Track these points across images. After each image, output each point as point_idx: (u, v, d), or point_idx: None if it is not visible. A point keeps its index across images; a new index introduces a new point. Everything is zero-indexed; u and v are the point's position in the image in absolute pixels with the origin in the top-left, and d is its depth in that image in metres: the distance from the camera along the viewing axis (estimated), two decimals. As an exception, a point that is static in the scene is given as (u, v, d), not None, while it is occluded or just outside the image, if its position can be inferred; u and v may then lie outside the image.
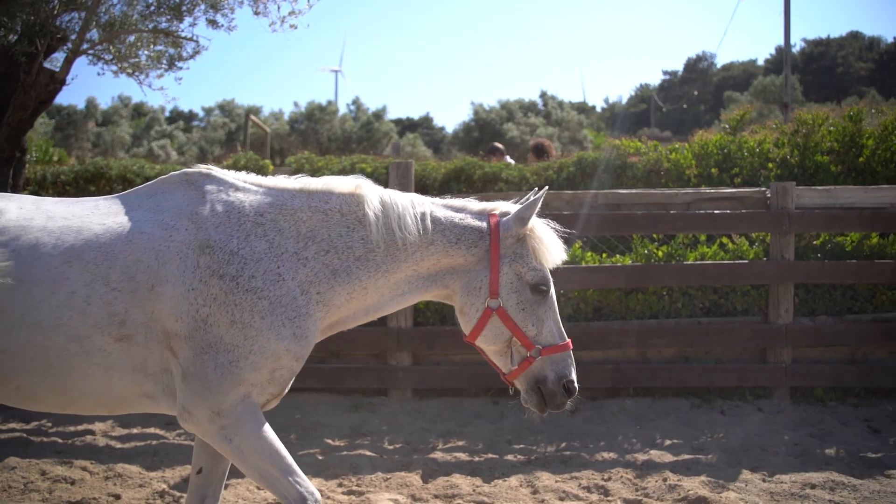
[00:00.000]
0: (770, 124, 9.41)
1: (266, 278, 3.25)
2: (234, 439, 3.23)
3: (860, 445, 6.31)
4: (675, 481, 5.54)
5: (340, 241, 3.39)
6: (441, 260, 3.45)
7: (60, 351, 3.20)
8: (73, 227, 3.31)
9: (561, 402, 3.45)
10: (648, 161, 8.69)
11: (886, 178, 8.44)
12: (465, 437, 6.67)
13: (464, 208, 3.53)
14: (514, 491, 5.50)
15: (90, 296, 3.19)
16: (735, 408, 7.26)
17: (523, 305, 3.40)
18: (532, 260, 3.43)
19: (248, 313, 3.20)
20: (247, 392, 3.24)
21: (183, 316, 3.21)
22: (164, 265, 3.23)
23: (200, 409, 3.22)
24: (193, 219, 3.31)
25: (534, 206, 3.42)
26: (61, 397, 3.31)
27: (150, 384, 3.30)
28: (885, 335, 7.35)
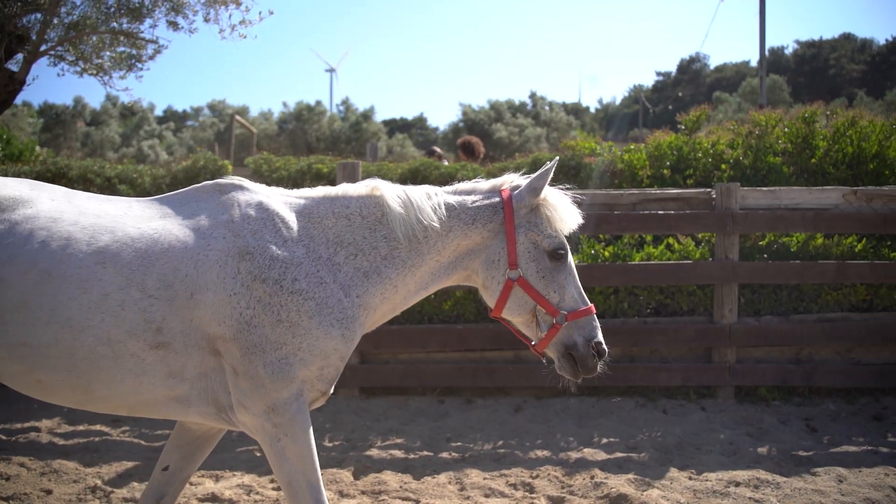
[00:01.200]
0: (727, 125, 9.46)
1: (309, 281, 3.29)
2: (282, 439, 3.28)
3: (794, 444, 6.36)
4: (602, 479, 5.59)
5: (365, 242, 3.44)
6: (460, 244, 3.51)
7: (89, 353, 3.17)
8: (107, 226, 3.29)
9: (593, 365, 3.47)
10: (603, 162, 8.75)
11: (838, 179, 8.51)
12: (406, 434, 6.72)
13: (474, 190, 3.59)
14: (442, 488, 5.55)
15: (125, 300, 3.17)
16: (679, 407, 7.31)
17: (543, 273, 3.45)
18: (547, 227, 3.48)
19: (294, 313, 3.24)
20: (299, 389, 3.29)
21: (226, 319, 3.22)
22: (204, 273, 3.24)
23: (256, 404, 3.25)
24: (230, 227, 3.33)
25: (546, 175, 3.47)
26: (82, 396, 3.30)
27: (184, 388, 3.30)
28: (829, 335, 7.40)
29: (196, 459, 3.75)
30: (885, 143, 8.71)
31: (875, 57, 52.58)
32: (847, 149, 8.65)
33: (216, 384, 3.31)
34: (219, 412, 3.36)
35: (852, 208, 7.55)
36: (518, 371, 7.42)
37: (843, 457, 6.05)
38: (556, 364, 3.53)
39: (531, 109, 36.52)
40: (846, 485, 5.48)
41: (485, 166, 9.36)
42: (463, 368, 7.46)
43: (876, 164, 8.61)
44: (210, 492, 5.42)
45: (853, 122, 8.75)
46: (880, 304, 7.68)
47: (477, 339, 7.46)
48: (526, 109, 36.28)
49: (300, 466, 3.29)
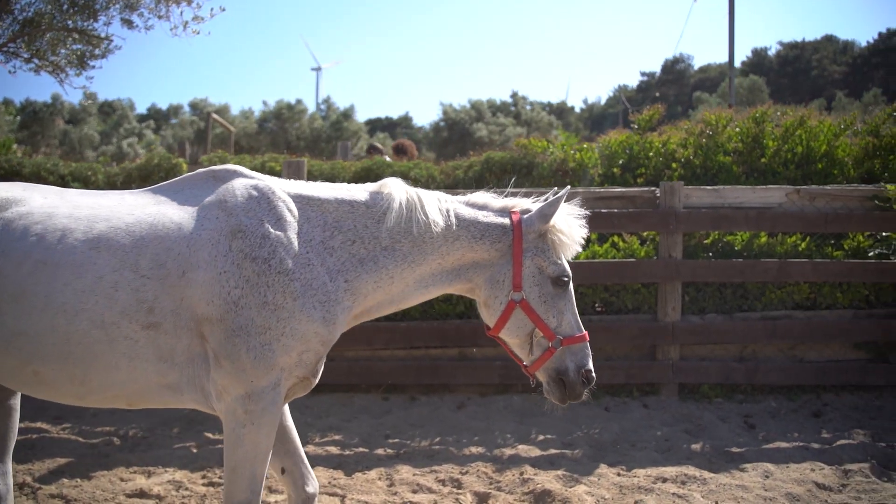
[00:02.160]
0: (682, 125, 9.50)
1: (297, 261, 3.33)
2: (247, 426, 3.30)
3: (729, 441, 6.39)
4: (531, 475, 5.61)
5: (366, 231, 3.48)
6: (465, 255, 3.55)
7: (84, 337, 3.20)
8: (103, 216, 3.35)
9: (580, 392, 3.56)
10: (555, 160, 8.78)
11: (787, 178, 8.57)
12: (345, 431, 6.72)
13: (486, 205, 3.64)
14: (370, 484, 5.56)
15: (118, 282, 3.22)
16: (622, 404, 7.35)
17: (545, 298, 3.52)
18: (553, 254, 3.55)
19: (280, 295, 3.26)
20: (278, 377, 3.31)
21: (215, 299, 3.24)
22: (196, 252, 3.28)
23: (235, 388, 3.27)
24: (223, 207, 3.38)
25: (557, 203, 3.54)
26: (80, 387, 3.32)
27: (175, 374, 3.33)
28: (771, 333, 7.45)
29: (292, 449, 3.80)
30: (833, 143, 8.78)
31: (856, 59, 52.84)
32: (796, 148, 8.72)
33: (201, 371, 3.33)
34: (206, 399, 3.39)
35: (795, 207, 7.60)
36: (463, 368, 7.44)
37: (774, 453, 6.09)
38: (545, 387, 3.61)
39: (513, 109, 36.57)
40: (771, 480, 5.52)
41: (438, 164, 9.38)
42: (408, 366, 7.47)
43: (824, 163, 8.67)
44: (139, 488, 5.41)
45: (802, 122, 8.81)
46: (823, 302, 7.73)
47: (422, 337, 7.47)
48: (507, 109, 36.33)
49: (252, 456, 3.33)
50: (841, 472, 5.68)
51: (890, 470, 5.77)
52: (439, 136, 33.60)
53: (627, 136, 9.00)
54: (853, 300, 7.76)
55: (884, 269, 7.44)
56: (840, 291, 7.72)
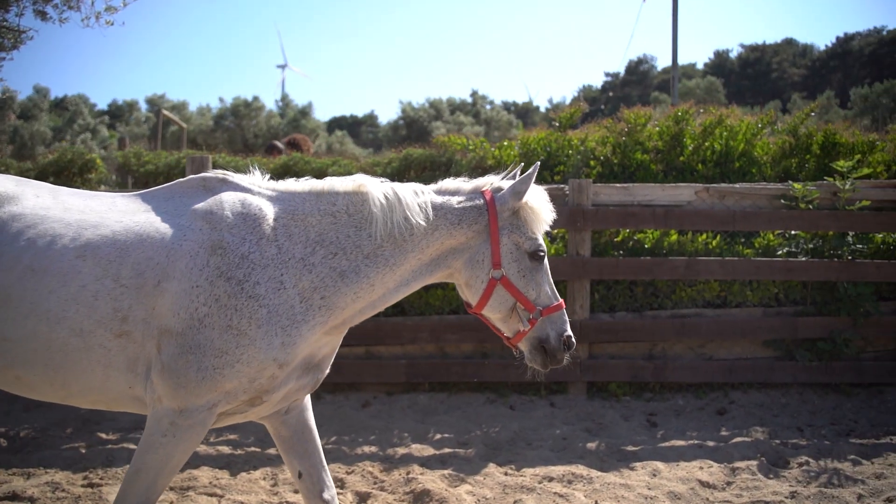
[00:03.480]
0: (604, 123, 9.49)
1: (269, 286, 3.30)
2: (168, 438, 3.26)
3: (627, 439, 6.37)
4: (418, 475, 5.54)
5: (349, 241, 3.45)
6: (444, 243, 3.55)
7: (63, 345, 3.22)
8: (92, 221, 3.36)
9: (561, 357, 3.63)
10: (474, 157, 8.72)
11: (705, 176, 8.58)
12: (242, 430, 6.60)
13: (458, 190, 3.63)
14: (253, 483, 5.46)
15: (98, 291, 3.23)
16: (528, 402, 7.30)
17: (523, 272, 3.56)
18: (528, 229, 3.57)
19: (245, 320, 3.24)
20: (217, 399, 3.28)
21: (181, 312, 3.23)
22: (174, 262, 3.26)
23: (170, 400, 3.25)
24: (209, 219, 3.36)
25: (528, 180, 3.55)
26: (61, 391, 3.34)
27: (139, 387, 3.31)
28: (680, 331, 7.45)
29: (311, 450, 3.78)
30: (752, 142, 8.81)
31: (815, 62, 53.53)
32: (715, 146, 8.73)
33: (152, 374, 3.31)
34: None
35: (705, 205, 7.61)
36: (369, 367, 7.35)
37: (668, 451, 6.07)
38: (527, 356, 3.67)
39: (472, 108, 36.54)
40: (658, 479, 5.50)
41: (358, 161, 9.29)
42: (314, 364, 7.36)
43: (743, 162, 8.70)
44: (12, 490, 5.25)
45: (720, 121, 8.83)
46: (734, 300, 7.74)
47: (329, 335, 7.37)
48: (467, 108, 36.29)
49: (160, 466, 3.28)
50: (729, 470, 5.67)
51: (778, 467, 5.78)
52: (398, 134, 33.47)
53: (547, 133, 8.97)
54: (763, 298, 7.78)
55: (791, 268, 7.46)
56: (750, 290, 7.73)
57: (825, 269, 7.48)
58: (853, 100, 32.02)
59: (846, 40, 52.14)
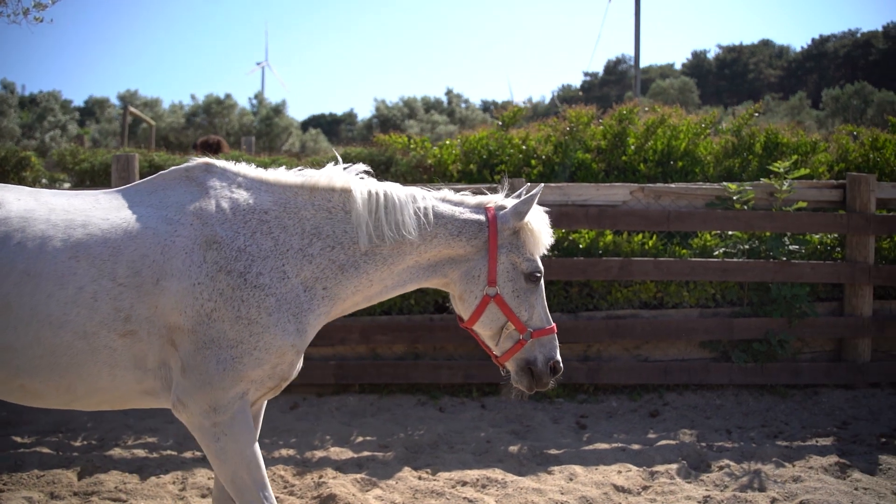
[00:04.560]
0: (550, 121, 9.42)
1: (273, 275, 3.31)
2: (223, 439, 3.28)
3: (552, 442, 6.29)
4: (330, 479, 5.45)
5: (346, 236, 3.46)
6: (442, 251, 3.58)
7: (68, 348, 3.19)
8: (78, 221, 3.31)
9: (547, 381, 3.66)
10: (415, 157, 8.63)
11: (647, 176, 8.53)
12: (163, 433, 6.48)
13: (462, 202, 3.67)
14: (160, 488, 5.34)
15: (97, 291, 3.20)
16: (459, 405, 7.21)
17: (518, 293, 3.59)
18: (526, 251, 3.60)
19: (254, 309, 3.25)
20: (245, 389, 3.29)
21: (187, 310, 3.23)
22: (170, 260, 3.25)
23: (197, 402, 3.25)
24: (198, 214, 3.34)
25: (531, 201, 3.61)
26: (66, 395, 3.31)
27: (150, 380, 3.32)
28: (614, 332, 7.38)
29: None
30: (694, 142, 8.77)
31: (791, 63, 53.82)
32: (657, 146, 8.68)
33: (171, 372, 3.32)
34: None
35: (640, 205, 7.54)
36: (299, 368, 7.23)
37: (589, 454, 6.00)
38: (513, 376, 3.69)
39: (447, 107, 36.44)
40: (573, 483, 5.42)
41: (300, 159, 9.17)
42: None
43: (686, 161, 8.65)
44: None
45: (663, 120, 8.78)
46: (670, 301, 7.68)
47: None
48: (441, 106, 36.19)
49: (243, 464, 3.31)
50: (647, 474, 5.61)
51: (699, 471, 5.72)
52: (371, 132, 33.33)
53: (490, 132, 8.89)
54: (700, 299, 7.72)
55: (726, 268, 7.40)
56: (687, 290, 7.68)
57: (760, 269, 7.43)
58: (825, 101, 32.19)
59: (821, 42, 52.46)
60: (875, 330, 7.56)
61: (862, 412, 7.13)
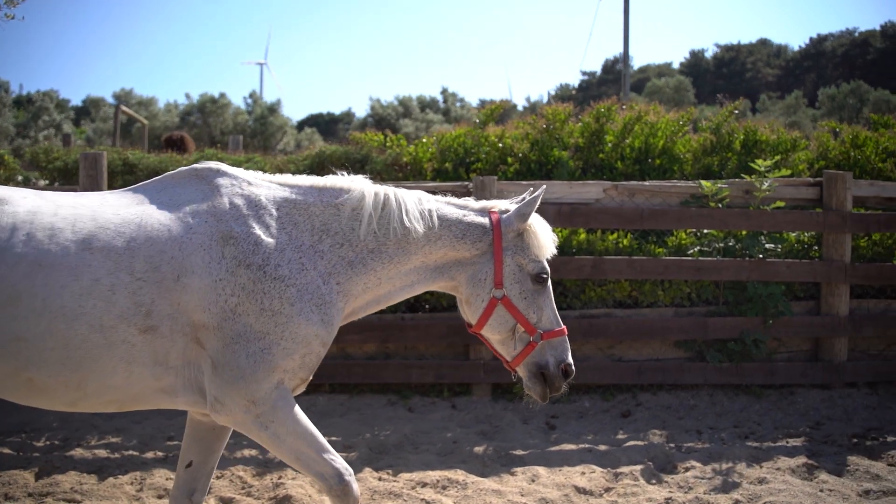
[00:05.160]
0: (528, 119, 9.35)
1: (291, 267, 3.36)
2: (271, 426, 3.32)
3: (519, 443, 6.22)
4: (288, 480, 5.38)
5: (353, 234, 3.51)
6: (448, 253, 3.61)
7: (83, 341, 3.16)
8: (87, 215, 3.30)
9: (559, 385, 3.66)
10: (391, 155, 8.56)
11: (625, 174, 8.45)
12: (128, 433, 6.41)
13: (466, 206, 3.70)
14: (116, 489, 5.28)
15: (115, 284, 3.18)
16: (429, 405, 7.15)
17: (525, 294, 3.60)
18: (532, 252, 3.61)
19: (277, 300, 3.29)
20: (280, 379, 3.32)
21: (211, 307, 3.25)
22: (189, 256, 3.26)
23: (235, 399, 3.26)
24: (212, 211, 3.36)
25: (534, 203, 3.62)
26: (74, 393, 3.27)
27: (170, 378, 3.31)
28: (588, 332, 7.31)
29: (216, 449, 3.76)
30: (672, 139, 8.69)
31: (789, 62, 53.71)
32: (635, 143, 8.61)
33: (199, 373, 3.33)
34: (205, 400, 3.37)
35: (614, 203, 7.48)
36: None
37: (555, 455, 5.93)
38: (526, 383, 3.68)
39: (442, 105, 36.37)
40: (535, 485, 5.35)
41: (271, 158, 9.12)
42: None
43: (663, 159, 8.57)
44: None
45: (640, 118, 8.71)
46: (645, 300, 7.61)
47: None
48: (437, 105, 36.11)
49: (299, 440, 3.34)
50: (611, 476, 5.54)
51: (665, 472, 5.65)
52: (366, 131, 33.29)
53: (467, 130, 8.82)
54: (675, 298, 7.65)
55: (701, 267, 7.33)
56: (661, 289, 7.60)
57: (735, 268, 7.36)
58: (821, 100, 32.12)
59: (819, 41, 52.35)
60: (851, 329, 7.49)
61: (836, 412, 7.07)
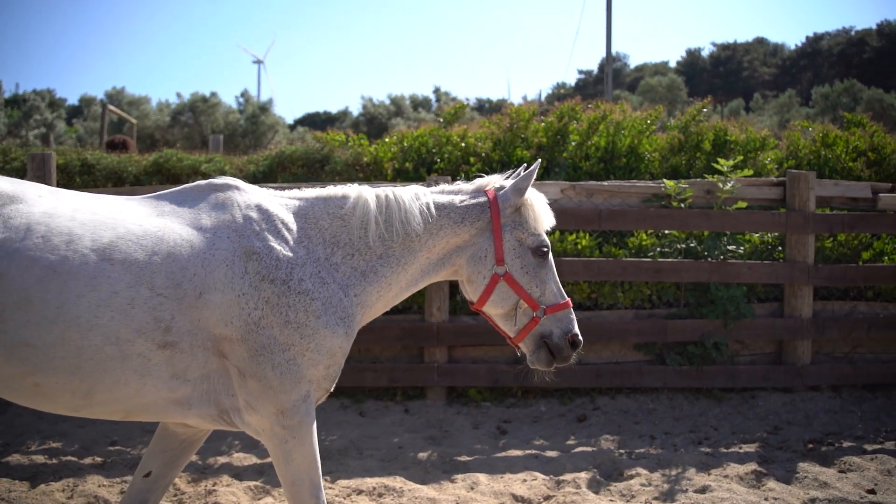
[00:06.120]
0: (494, 118, 9.23)
1: (314, 281, 3.37)
2: (290, 441, 3.34)
3: (466, 448, 6.10)
4: (224, 486, 5.28)
5: (361, 242, 3.52)
6: (450, 241, 3.61)
7: (96, 352, 3.12)
8: (107, 223, 3.24)
9: (567, 354, 3.63)
10: (352, 154, 8.45)
11: (589, 173, 8.33)
12: (71, 437, 6.30)
13: (460, 190, 3.72)
14: (46, 496, 5.16)
15: (134, 298, 3.14)
16: (382, 409, 7.03)
17: (527, 269, 3.59)
18: (531, 226, 3.61)
19: (302, 314, 3.30)
20: (307, 390, 3.34)
21: (234, 320, 3.24)
22: (212, 273, 3.25)
23: (265, 406, 3.29)
24: (233, 227, 3.36)
25: (530, 177, 3.62)
26: (81, 400, 3.23)
27: (186, 390, 3.28)
28: (544, 334, 7.17)
29: (179, 464, 3.73)
30: (639, 138, 8.57)
31: (785, 61, 53.51)
32: (600, 142, 8.50)
33: (219, 386, 3.31)
34: (220, 414, 3.35)
35: (572, 203, 7.35)
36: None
37: (500, 462, 5.81)
38: (530, 356, 3.67)
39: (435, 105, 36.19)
40: (472, 493, 5.24)
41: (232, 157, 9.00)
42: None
43: (629, 158, 8.45)
44: None
45: (605, 116, 8.59)
46: (605, 302, 7.49)
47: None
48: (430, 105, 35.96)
49: (305, 467, 3.37)
50: (553, 483, 5.43)
51: (611, 479, 5.55)
52: (358, 130, 33.17)
53: (430, 129, 8.70)
54: (635, 300, 7.53)
55: (660, 268, 7.21)
56: (621, 291, 7.48)
57: (695, 269, 7.24)
58: (815, 98, 31.97)
59: (816, 40, 52.14)
60: (815, 332, 7.37)
61: (797, 416, 6.95)
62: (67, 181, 8.24)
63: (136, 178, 8.43)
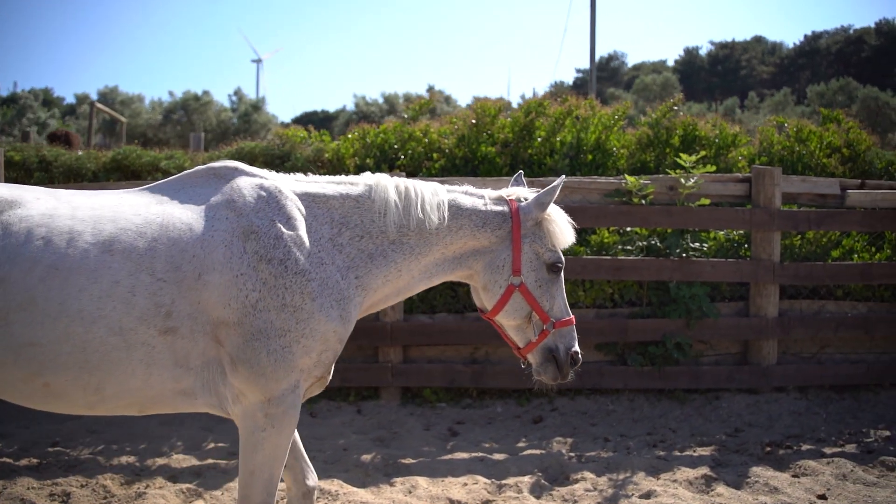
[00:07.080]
0: (461, 114, 9.07)
1: (311, 260, 3.33)
2: (267, 430, 3.28)
3: (413, 450, 5.95)
4: (156, 489, 5.14)
5: (374, 226, 3.49)
6: (467, 243, 3.60)
7: (101, 344, 3.12)
8: (107, 216, 3.25)
9: (567, 372, 3.69)
10: (314, 150, 8.31)
11: (554, 169, 8.18)
12: (10, 438, 6.16)
13: (483, 195, 3.69)
14: None
15: (135, 286, 3.14)
16: (335, 409, 6.89)
17: (540, 283, 3.61)
18: (549, 241, 3.61)
19: (298, 296, 3.26)
20: (297, 379, 3.31)
21: (232, 302, 3.21)
22: (210, 253, 3.23)
23: (254, 393, 3.25)
24: (231, 207, 3.34)
25: (553, 192, 3.60)
26: (93, 396, 3.22)
27: (190, 379, 3.27)
28: (498, 334, 7.00)
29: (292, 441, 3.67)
30: (606, 134, 8.42)
31: (784, 59, 53.28)
32: (566, 138, 8.34)
33: (216, 374, 3.29)
34: (221, 403, 3.34)
35: (531, 201, 7.19)
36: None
37: (444, 464, 5.67)
38: (536, 367, 3.70)
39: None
40: (409, 496, 5.10)
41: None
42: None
43: (596, 154, 8.30)
44: None
45: (570, 112, 8.44)
46: (565, 301, 7.32)
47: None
48: (424, 103, 35.84)
49: (271, 460, 3.31)
50: (495, 487, 5.28)
51: (556, 484, 5.40)
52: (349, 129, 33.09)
53: (394, 125, 8.56)
54: (596, 299, 7.37)
55: (621, 266, 7.06)
56: (582, 290, 7.32)
57: (657, 268, 7.08)
58: (810, 96, 31.79)
59: (814, 38, 51.91)
60: (780, 331, 7.21)
61: (760, 418, 6.79)
62: (25, 177, 8.11)
63: (94, 174, 8.29)
